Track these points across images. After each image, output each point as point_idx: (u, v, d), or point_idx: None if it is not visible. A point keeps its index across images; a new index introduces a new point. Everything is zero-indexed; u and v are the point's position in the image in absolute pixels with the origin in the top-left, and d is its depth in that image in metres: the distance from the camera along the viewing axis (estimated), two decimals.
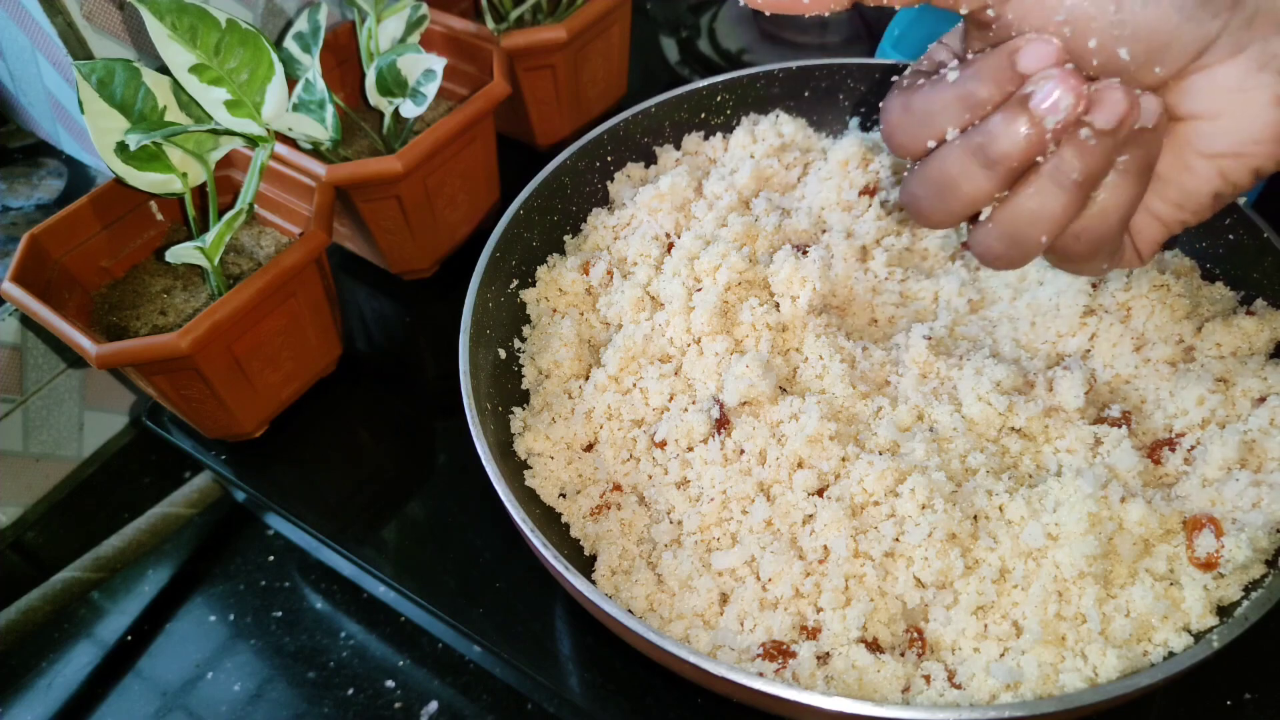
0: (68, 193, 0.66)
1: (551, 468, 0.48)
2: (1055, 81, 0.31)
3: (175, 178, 0.53)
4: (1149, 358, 0.47)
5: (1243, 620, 0.37)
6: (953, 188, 0.34)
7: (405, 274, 0.67)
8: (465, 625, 0.50)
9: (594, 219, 0.59)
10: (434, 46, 0.66)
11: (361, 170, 0.56)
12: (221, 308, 0.49)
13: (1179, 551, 0.41)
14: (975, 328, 0.51)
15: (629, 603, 0.43)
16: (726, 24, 0.89)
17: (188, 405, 0.54)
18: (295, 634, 0.56)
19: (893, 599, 0.41)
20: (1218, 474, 0.42)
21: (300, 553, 0.60)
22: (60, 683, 0.55)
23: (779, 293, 0.50)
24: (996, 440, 0.46)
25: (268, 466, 0.58)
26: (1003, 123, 0.32)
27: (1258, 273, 0.49)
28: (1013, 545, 0.41)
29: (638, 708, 0.47)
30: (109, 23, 0.56)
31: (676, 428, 0.46)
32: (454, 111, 0.59)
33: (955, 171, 0.34)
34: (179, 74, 0.50)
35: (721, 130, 0.63)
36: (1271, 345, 0.47)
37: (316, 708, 0.52)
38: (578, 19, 0.66)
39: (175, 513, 0.59)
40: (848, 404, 0.47)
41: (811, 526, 0.43)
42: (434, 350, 0.65)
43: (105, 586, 0.59)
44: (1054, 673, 0.39)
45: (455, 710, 0.52)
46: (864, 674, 0.40)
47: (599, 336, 0.53)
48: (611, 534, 0.46)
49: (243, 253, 0.57)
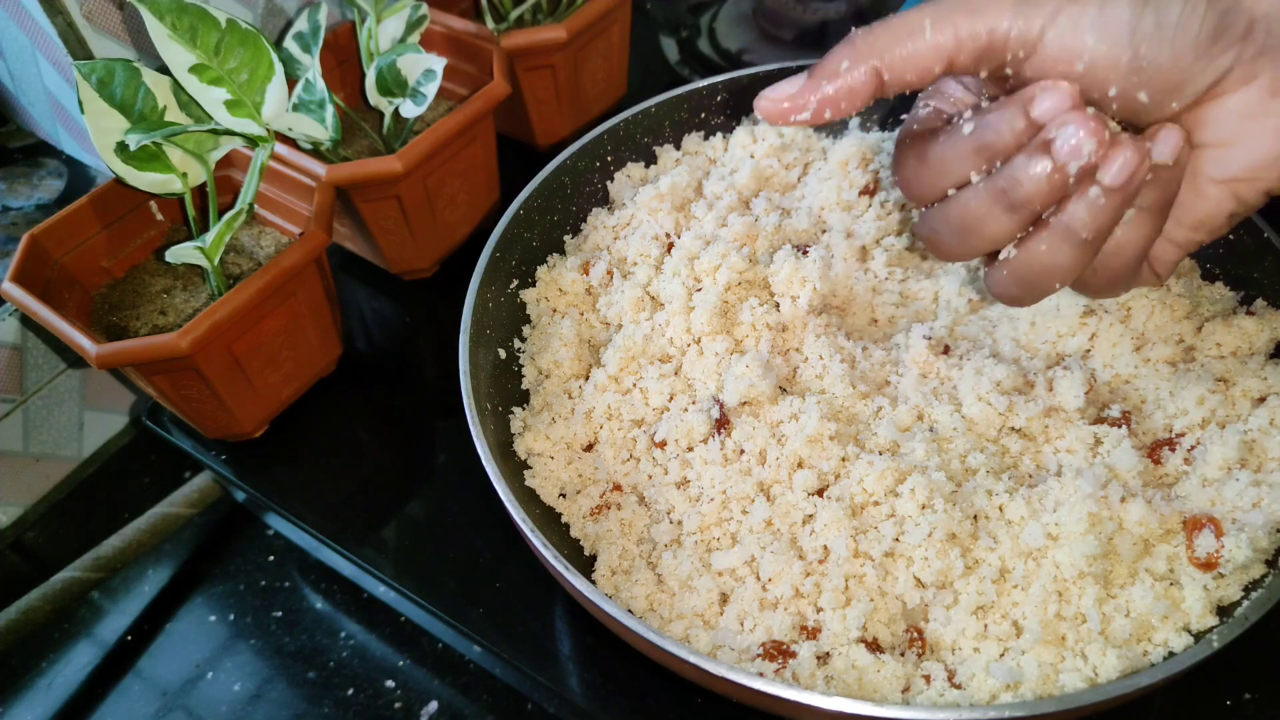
0: (68, 193, 0.66)
1: (551, 468, 0.48)
2: (1075, 125, 0.31)
3: (175, 178, 0.53)
4: (1149, 358, 0.47)
5: (1243, 620, 0.37)
6: (975, 228, 0.34)
7: (405, 274, 0.67)
8: (465, 625, 0.50)
9: (594, 219, 0.59)
10: (434, 46, 0.66)
11: (361, 170, 0.56)
12: (221, 308, 0.49)
13: (1179, 551, 0.41)
14: (975, 328, 0.51)
15: (629, 603, 0.43)
16: (726, 24, 0.89)
17: (188, 405, 0.54)
18: (295, 634, 0.56)
19: (893, 599, 0.41)
20: (1218, 474, 0.42)
21: (300, 553, 0.60)
22: (60, 683, 0.55)
23: (779, 293, 0.50)
24: (996, 440, 0.46)
25: (268, 466, 0.58)
26: (1026, 167, 0.32)
27: (1258, 273, 0.49)
28: (1013, 545, 0.41)
29: (638, 708, 0.47)
30: (109, 23, 0.56)
31: (676, 428, 0.46)
32: (454, 111, 0.59)
33: (979, 213, 0.34)
34: (179, 74, 0.50)
35: (721, 130, 0.63)
36: (1271, 345, 0.47)
37: (316, 708, 0.53)
38: (578, 19, 0.66)
39: (175, 513, 0.59)
40: (848, 404, 0.47)
41: (811, 526, 0.43)
42: (434, 350, 0.65)
43: (105, 586, 0.59)
44: (1054, 673, 0.39)
45: (455, 710, 0.52)
46: (864, 674, 0.40)
47: (599, 336, 0.53)
48: (611, 534, 0.46)
49: (243, 253, 0.57)
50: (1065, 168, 0.31)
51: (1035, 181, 0.32)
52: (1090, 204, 0.32)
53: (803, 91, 0.35)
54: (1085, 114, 0.31)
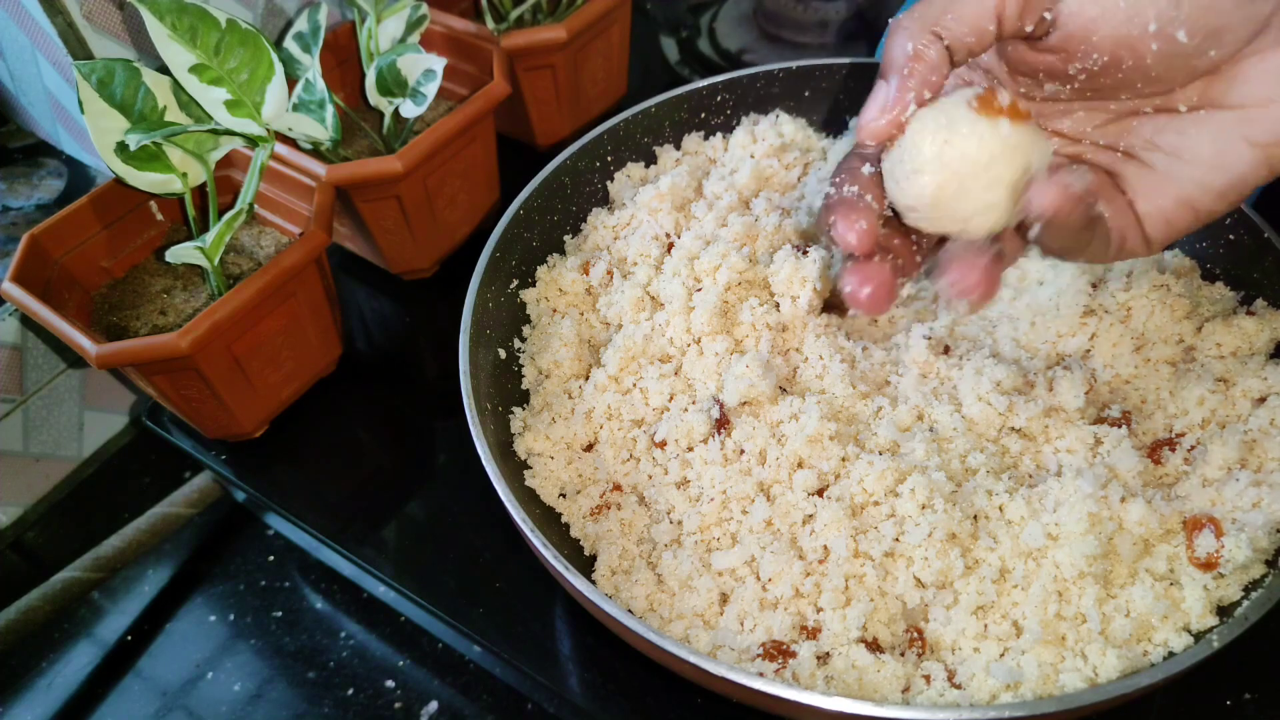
0: (68, 193, 0.66)
1: (551, 468, 0.48)
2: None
3: (175, 178, 0.53)
4: (1149, 358, 0.47)
5: (1243, 620, 0.37)
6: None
7: (405, 274, 0.67)
8: (465, 625, 0.50)
9: (594, 219, 0.58)
10: (434, 46, 0.66)
11: (361, 170, 0.56)
12: (221, 308, 0.49)
13: (1179, 551, 0.41)
14: (975, 328, 0.51)
15: (629, 603, 0.43)
16: (726, 24, 0.89)
17: (188, 405, 0.54)
18: (295, 634, 0.56)
19: (893, 599, 0.41)
20: (1218, 474, 0.42)
21: (300, 553, 0.60)
22: (60, 683, 0.55)
23: (779, 293, 0.50)
24: (996, 440, 0.46)
25: (268, 466, 0.58)
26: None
27: (1258, 273, 0.49)
28: (1013, 545, 0.41)
29: (638, 708, 0.47)
30: (109, 23, 0.56)
31: (676, 428, 0.46)
32: (454, 111, 0.59)
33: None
34: (179, 74, 0.50)
35: (721, 130, 0.63)
36: (1271, 345, 0.47)
37: (316, 708, 0.52)
38: (578, 19, 0.66)
39: (175, 513, 0.59)
40: (848, 404, 0.47)
41: (811, 526, 0.43)
42: (434, 350, 0.65)
43: (105, 586, 0.59)
44: (1054, 673, 0.39)
45: (455, 710, 0.52)
46: (864, 674, 0.40)
47: (599, 336, 0.53)
48: (611, 534, 0.46)
49: (243, 253, 0.57)
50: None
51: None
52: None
53: (895, 96, 0.35)
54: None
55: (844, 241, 0.37)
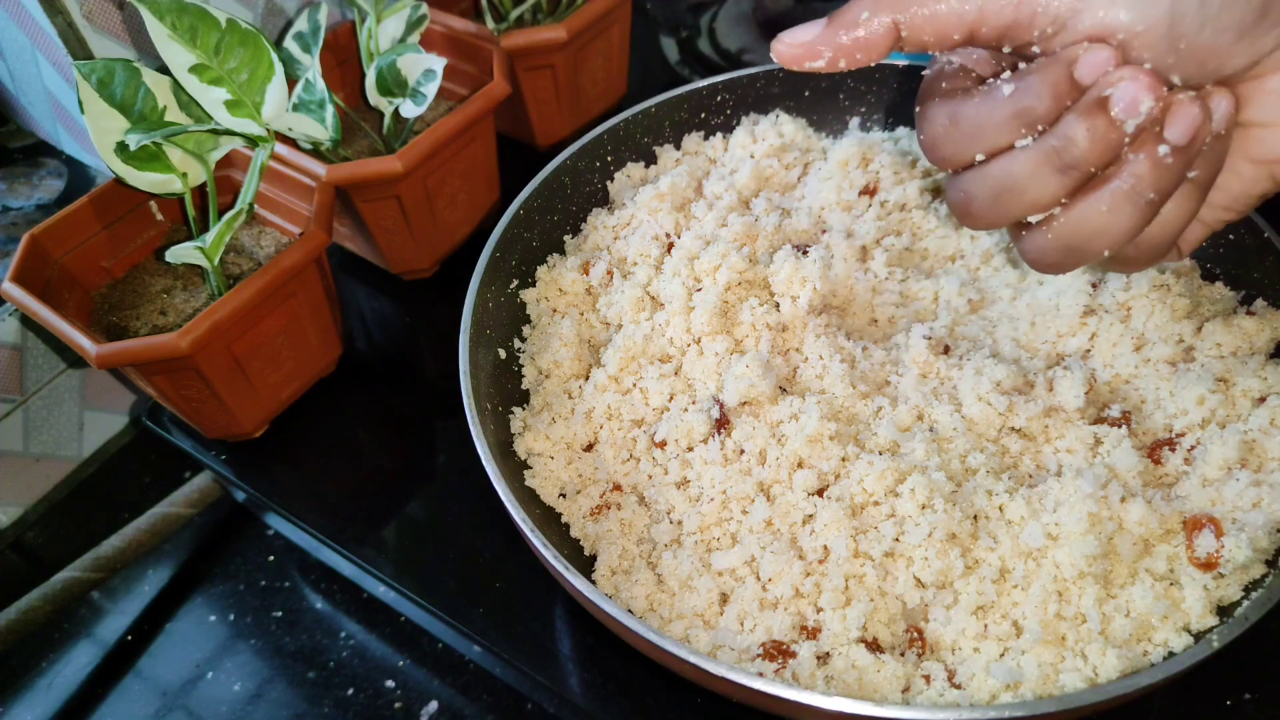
0: (68, 193, 0.66)
1: (551, 468, 0.48)
2: (1131, 82, 0.30)
3: (175, 178, 0.53)
4: (1149, 358, 0.47)
5: (1243, 620, 0.37)
6: (1017, 191, 0.33)
7: (405, 274, 0.67)
8: (465, 625, 0.50)
9: (594, 219, 0.58)
10: (434, 46, 0.66)
11: (361, 170, 0.56)
12: (221, 308, 0.49)
13: (1179, 551, 0.41)
14: (975, 328, 0.51)
15: (629, 603, 0.43)
16: (726, 24, 0.89)
17: (188, 405, 0.54)
18: (295, 634, 0.56)
19: (893, 599, 0.41)
20: (1218, 474, 0.42)
21: (300, 553, 0.60)
22: (60, 683, 0.55)
23: (779, 293, 0.50)
24: (996, 440, 0.46)
25: (268, 466, 0.58)
26: (1079, 127, 0.30)
27: (1258, 273, 0.49)
28: (1013, 545, 0.41)
29: (638, 708, 0.47)
30: (109, 23, 0.56)
31: (676, 428, 0.46)
32: (454, 111, 0.59)
33: (1023, 175, 0.32)
34: (179, 74, 0.50)
35: (721, 130, 0.63)
36: (1271, 345, 0.47)
37: (316, 708, 0.52)
38: (578, 19, 0.66)
39: (175, 513, 0.59)
40: (848, 404, 0.47)
41: (811, 526, 0.43)
42: (434, 350, 0.65)
43: (105, 586, 0.59)
44: (1054, 673, 0.39)
45: (455, 710, 0.52)
46: (864, 674, 0.40)
47: (599, 336, 0.53)
48: (611, 534, 0.46)
49: (243, 253, 0.57)
50: (1122, 126, 0.30)
51: (1090, 141, 0.30)
52: (1156, 163, 0.31)
53: (820, 38, 0.34)
54: (1139, 70, 0.30)
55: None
